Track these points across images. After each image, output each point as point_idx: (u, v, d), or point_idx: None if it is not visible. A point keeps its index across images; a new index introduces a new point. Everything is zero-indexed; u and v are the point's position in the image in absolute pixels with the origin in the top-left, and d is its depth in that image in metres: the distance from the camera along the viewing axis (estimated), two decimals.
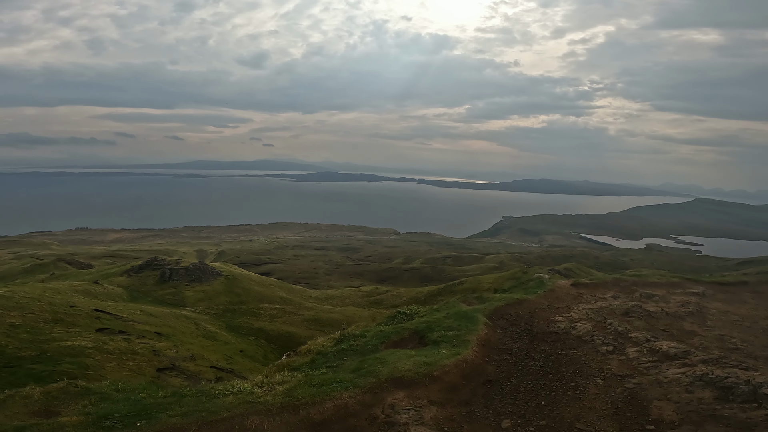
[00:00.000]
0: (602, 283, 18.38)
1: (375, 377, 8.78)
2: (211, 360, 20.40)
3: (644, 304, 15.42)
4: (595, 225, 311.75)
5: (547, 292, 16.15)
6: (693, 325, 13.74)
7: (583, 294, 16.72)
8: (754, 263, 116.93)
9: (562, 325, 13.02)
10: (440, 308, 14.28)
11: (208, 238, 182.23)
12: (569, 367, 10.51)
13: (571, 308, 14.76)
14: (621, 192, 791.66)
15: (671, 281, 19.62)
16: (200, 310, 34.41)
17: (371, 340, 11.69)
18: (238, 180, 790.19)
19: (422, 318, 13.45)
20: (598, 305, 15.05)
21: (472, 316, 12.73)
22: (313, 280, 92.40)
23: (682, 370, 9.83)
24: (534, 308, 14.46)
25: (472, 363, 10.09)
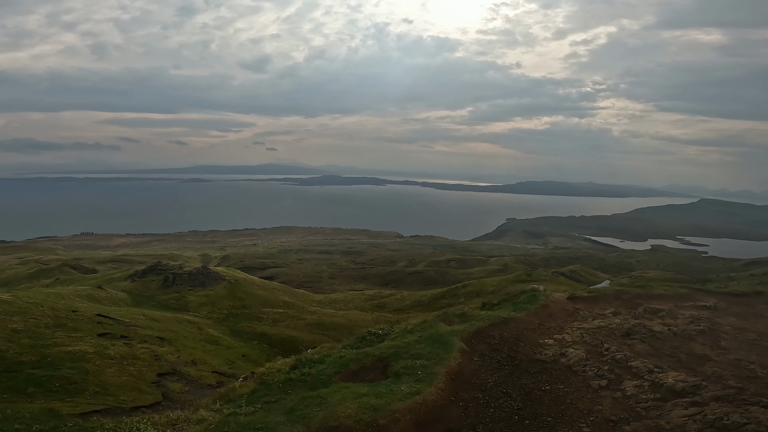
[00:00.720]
0: (602, 296, 16.76)
1: (305, 425, 7.39)
2: (213, 365, 20.29)
3: (648, 321, 13.84)
4: (599, 227, 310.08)
5: (540, 308, 14.57)
6: (704, 347, 12.13)
7: (580, 309, 15.11)
8: (762, 264, 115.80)
9: (551, 351, 11.48)
10: (415, 329, 12.88)
11: (212, 242, 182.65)
12: (551, 409, 8.94)
13: (564, 328, 13.22)
14: (626, 193, 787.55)
15: (679, 293, 17.85)
16: (203, 314, 34.36)
17: (327, 369, 10.35)
18: (242, 184, 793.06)
19: (392, 341, 12.06)
20: (595, 324, 13.47)
21: (447, 340, 11.26)
22: (316, 284, 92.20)
23: (690, 411, 8.23)
24: (522, 329, 12.85)
25: (433, 405, 8.59)
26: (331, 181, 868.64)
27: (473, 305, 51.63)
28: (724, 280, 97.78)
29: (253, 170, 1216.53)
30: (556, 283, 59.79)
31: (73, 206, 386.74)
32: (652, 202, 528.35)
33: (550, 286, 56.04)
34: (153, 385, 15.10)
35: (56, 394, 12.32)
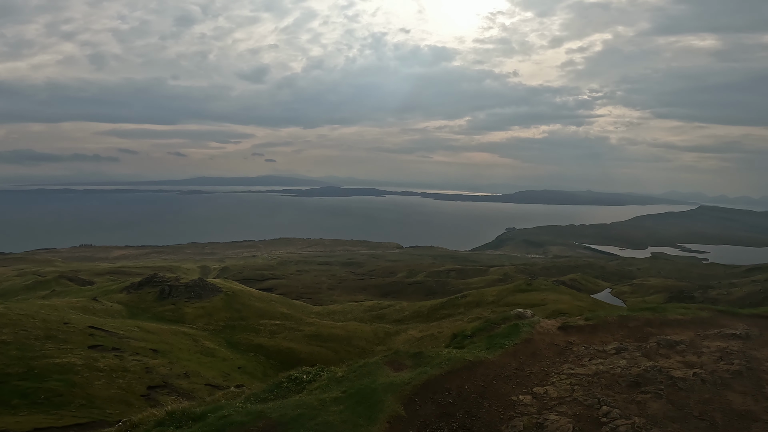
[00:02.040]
0: (603, 324, 13.51)
1: None
2: (207, 377, 19.89)
3: (665, 360, 10.55)
4: (599, 235, 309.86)
5: (521, 344, 11.56)
6: (745, 397, 8.89)
7: (574, 344, 11.95)
8: (763, 270, 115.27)
9: (523, 419, 8.28)
10: (346, 376, 10.08)
11: (211, 254, 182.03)
12: None
13: (549, 374, 10.09)
14: (624, 201, 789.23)
15: (699, 316, 14.53)
16: (199, 326, 33.95)
17: None
18: (241, 196, 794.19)
19: (309, 394, 9.41)
20: (592, 368, 10.30)
21: (376, 401, 8.45)
22: (316, 295, 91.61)
23: None
24: (492, 377, 9.80)
25: None
26: (330, 192, 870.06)
27: (473, 315, 51.20)
28: (726, 286, 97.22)
29: (253, 182, 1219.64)
30: (557, 292, 59.34)
31: (72, 218, 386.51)
32: (651, 210, 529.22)
33: (551, 296, 55.73)
34: (142, 398, 14.72)
35: (41, 407, 11.97)
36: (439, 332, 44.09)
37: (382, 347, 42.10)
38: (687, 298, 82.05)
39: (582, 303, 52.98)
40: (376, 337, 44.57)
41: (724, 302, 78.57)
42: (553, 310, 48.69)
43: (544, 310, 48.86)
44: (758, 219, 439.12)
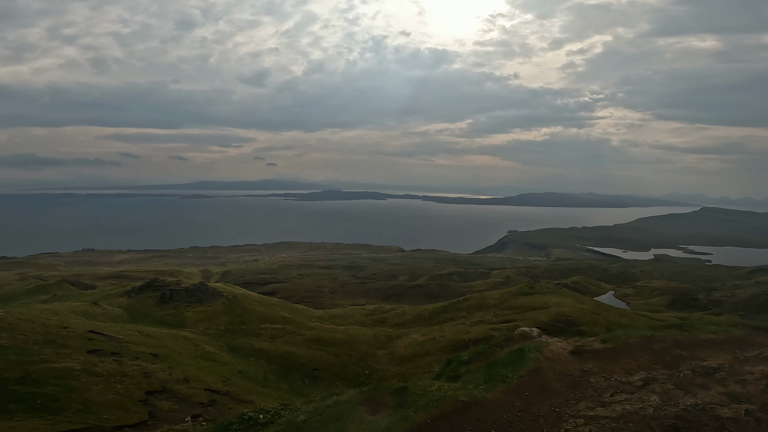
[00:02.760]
0: (623, 347, 11.29)
1: None
2: (207, 382, 19.75)
3: (704, 393, 8.51)
4: (601, 237, 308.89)
5: (526, 376, 9.63)
6: None
7: (591, 374, 9.98)
8: (766, 271, 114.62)
9: None
10: (306, 422, 8.46)
11: (213, 258, 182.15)
12: None
13: (562, 418, 8.07)
14: (627, 203, 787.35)
15: (734, 335, 12.42)
16: (200, 330, 33.83)
17: None
18: (243, 200, 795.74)
19: None
20: (617, 408, 8.08)
21: None
22: (317, 299, 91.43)
23: None
24: (491, 422, 7.91)
25: None
26: (331, 196, 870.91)
27: (475, 318, 50.91)
28: (730, 288, 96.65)
29: (254, 186, 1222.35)
30: (560, 294, 58.96)
31: (75, 222, 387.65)
32: (653, 212, 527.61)
33: (553, 299, 55.36)
34: (140, 403, 14.60)
35: (37, 412, 11.85)
36: (441, 336, 43.81)
37: (383, 351, 41.84)
38: (691, 300, 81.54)
39: (585, 306, 52.59)
40: (377, 341, 44.32)
41: (728, 304, 77.98)
42: (556, 312, 48.34)
43: (547, 313, 48.50)
44: (760, 220, 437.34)
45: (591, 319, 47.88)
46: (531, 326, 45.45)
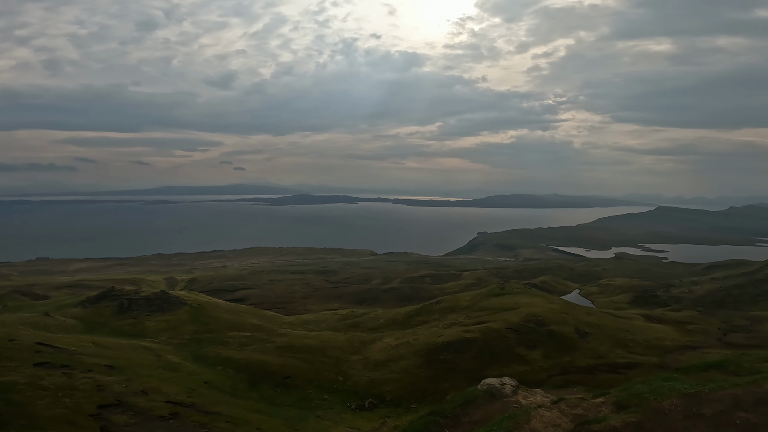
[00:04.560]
0: (655, 416, 7.23)
1: None
2: (169, 394, 18.59)
3: None
4: (566, 237, 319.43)
5: None
6: None
7: None
8: (721, 267, 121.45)
9: None
10: None
11: (179, 265, 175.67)
12: None
13: None
14: (589, 204, 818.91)
15: None
16: (162, 340, 32.15)
17: None
18: (210, 205, 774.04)
19: None
20: None
21: None
22: (289, 305, 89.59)
23: None
24: None
25: None
26: (302, 200, 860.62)
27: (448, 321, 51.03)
28: (688, 285, 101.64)
29: (222, 190, 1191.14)
30: (530, 295, 60.09)
31: (28, 230, 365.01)
32: (613, 212, 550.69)
33: (524, 299, 56.17)
34: (90, 417, 13.46)
35: None
36: (415, 339, 43.67)
37: (357, 356, 41.22)
38: (652, 297, 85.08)
39: (554, 305, 53.81)
40: (351, 346, 43.67)
41: (687, 300, 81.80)
42: (527, 313, 49.20)
43: (518, 314, 49.27)
44: (713, 218, 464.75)
45: (560, 318, 49.00)
46: (503, 327, 46.04)
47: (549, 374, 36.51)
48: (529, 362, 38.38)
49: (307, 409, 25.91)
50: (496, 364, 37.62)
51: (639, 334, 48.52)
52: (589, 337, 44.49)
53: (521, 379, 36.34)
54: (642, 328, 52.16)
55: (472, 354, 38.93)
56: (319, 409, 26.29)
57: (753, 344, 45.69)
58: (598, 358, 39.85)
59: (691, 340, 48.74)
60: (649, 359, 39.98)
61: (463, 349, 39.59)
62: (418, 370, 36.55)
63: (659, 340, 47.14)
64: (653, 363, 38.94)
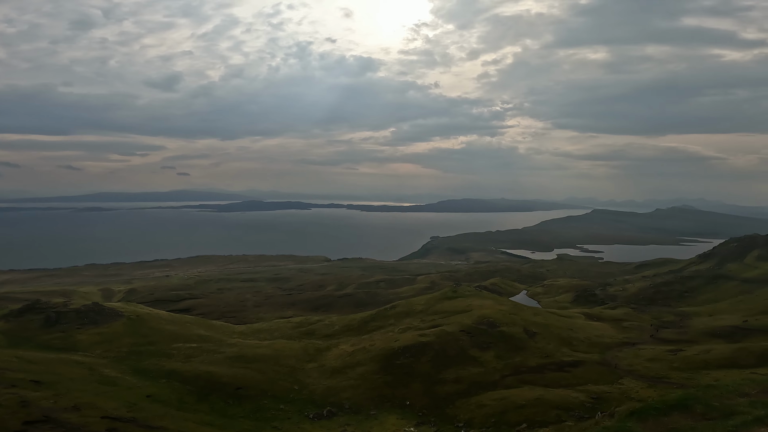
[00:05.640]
0: None
1: None
2: (106, 409, 17.03)
3: None
4: (513, 240, 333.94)
5: None
6: None
7: None
8: (650, 266, 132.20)
9: None
10: None
11: (116, 275, 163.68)
12: None
13: None
14: (533, 207, 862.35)
15: None
16: (97, 354, 29.63)
17: None
18: (151, 212, 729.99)
19: None
20: None
21: None
22: (240, 314, 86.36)
23: None
24: None
25: None
26: (252, 206, 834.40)
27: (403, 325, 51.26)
28: (621, 283, 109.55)
29: (164, 197, 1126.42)
30: (481, 297, 61.86)
31: None
32: (554, 215, 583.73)
33: (475, 302, 57.61)
34: None
35: None
36: (371, 345, 43.49)
37: (313, 364, 40.31)
38: (591, 296, 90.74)
39: (504, 307, 55.80)
40: (306, 354, 42.65)
41: (621, 298, 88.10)
42: (479, 315, 50.62)
43: (470, 316, 50.50)
44: (642, 220, 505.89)
45: (510, 319, 50.87)
46: (457, 329, 46.93)
47: (502, 375, 37.63)
48: (483, 364, 39.33)
49: (263, 420, 24.85)
50: (451, 367, 38.25)
51: (581, 332, 51.45)
52: (537, 337, 46.50)
53: (476, 382, 37.37)
54: (584, 326, 55.38)
55: (429, 358, 39.34)
56: (275, 420, 25.31)
57: (684, 340, 49.92)
58: (546, 357, 41.67)
59: (628, 336, 52.41)
60: (591, 356, 42.42)
61: (419, 354, 39.91)
62: (376, 376, 36.35)
63: (599, 338, 50.24)
64: (595, 360, 41.39)
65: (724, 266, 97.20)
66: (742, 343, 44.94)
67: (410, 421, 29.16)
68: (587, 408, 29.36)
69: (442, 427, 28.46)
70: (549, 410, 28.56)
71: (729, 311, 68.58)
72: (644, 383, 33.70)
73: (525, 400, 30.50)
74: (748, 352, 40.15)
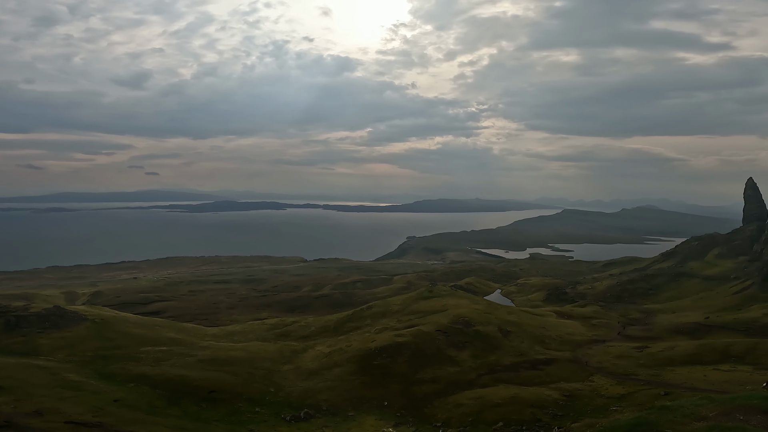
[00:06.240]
0: None
1: None
2: (70, 414, 16.29)
3: None
4: (488, 239, 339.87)
5: None
6: None
7: None
8: (617, 264, 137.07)
9: None
10: None
11: (80, 278, 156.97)
12: None
13: None
14: (507, 207, 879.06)
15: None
16: (60, 358, 28.39)
17: None
18: (117, 213, 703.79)
19: None
20: None
21: None
22: (213, 316, 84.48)
23: None
24: None
25: None
26: (226, 206, 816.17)
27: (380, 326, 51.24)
28: (590, 281, 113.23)
29: (131, 197, 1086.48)
30: (456, 297, 62.56)
31: None
32: (527, 215, 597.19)
33: (451, 301, 58.12)
34: None
35: None
36: (348, 346, 43.28)
37: (289, 366, 39.76)
38: (562, 294, 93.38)
39: (478, 306, 56.64)
40: (282, 356, 42.03)
41: (590, 296, 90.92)
42: (454, 315, 51.15)
43: (446, 316, 50.91)
44: (609, 220, 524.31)
45: (485, 318, 51.68)
46: (433, 329, 47.23)
47: (478, 374, 38.14)
48: (459, 363, 39.74)
49: (238, 423, 24.31)
50: (428, 367, 38.49)
51: (553, 330, 52.79)
52: (511, 336, 47.41)
53: (453, 381, 37.76)
54: (555, 324, 56.85)
55: (405, 358, 39.45)
56: (251, 423, 24.81)
57: (649, 336, 51.97)
58: (521, 356, 42.51)
59: (597, 333, 54.15)
60: (563, 354, 43.56)
61: (396, 354, 39.97)
62: (353, 377, 36.18)
63: (570, 335, 51.70)
64: (567, 358, 42.54)
65: (686, 264, 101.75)
66: (704, 340, 47.19)
67: (389, 422, 29.14)
68: (560, 406, 30.14)
69: (420, 428, 28.56)
70: (524, 409, 29.10)
71: (691, 308, 71.90)
72: (613, 380, 34.83)
73: (501, 398, 30.98)
74: (710, 349, 42.11)
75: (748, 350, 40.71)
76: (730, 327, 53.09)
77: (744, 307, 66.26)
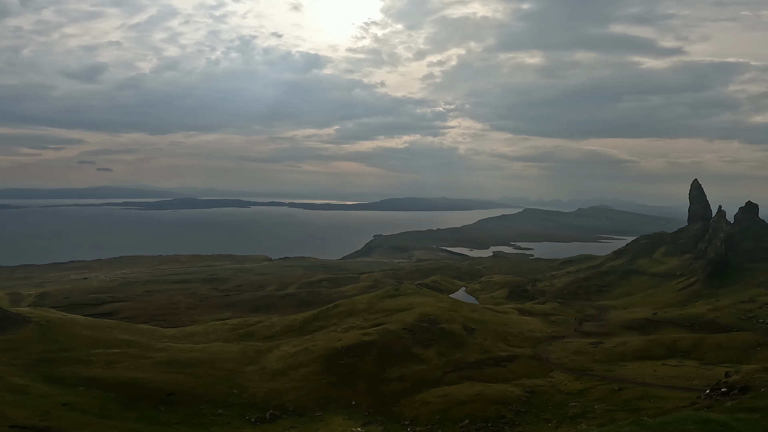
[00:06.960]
0: None
1: None
2: (15, 418, 15.16)
3: None
4: (453, 238, 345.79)
5: None
6: None
7: None
8: (574, 262, 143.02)
9: None
10: None
11: (26, 279, 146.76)
12: None
13: None
14: (471, 206, 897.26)
15: None
16: (3, 362, 26.52)
17: None
18: (66, 210, 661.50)
19: None
20: None
21: None
22: (171, 317, 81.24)
23: None
24: None
25: None
26: (186, 204, 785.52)
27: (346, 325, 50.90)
28: (549, 279, 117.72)
29: (81, 194, 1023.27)
30: (422, 295, 63.26)
31: None
32: (490, 213, 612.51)
33: (417, 299, 58.75)
34: None
35: None
36: (314, 345, 42.77)
37: (253, 367, 38.76)
38: (523, 292, 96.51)
39: (444, 304, 57.54)
40: (245, 357, 40.95)
41: (549, 293, 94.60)
42: (420, 313, 51.74)
43: (412, 314, 51.41)
44: (567, 219, 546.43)
45: (450, 316, 52.63)
46: (399, 327, 47.35)
47: (444, 372, 38.71)
48: (426, 361, 40.16)
49: (200, 426, 23.45)
50: (395, 365, 38.64)
51: (515, 327, 54.46)
52: (475, 333, 48.45)
53: (420, 379, 38.11)
54: (517, 321, 58.65)
55: (372, 357, 39.44)
56: (213, 425, 24.00)
57: (603, 332, 54.64)
58: (485, 353, 43.55)
59: (556, 330, 56.37)
60: (525, 351, 45.05)
61: (362, 353, 39.88)
62: (320, 377, 35.78)
63: (531, 332, 53.52)
64: (528, 354, 44.03)
65: (636, 262, 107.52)
66: (653, 335, 50.12)
67: (357, 422, 29.04)
68: (523, 402, 31.11)
69: (388, 426, 28.64)
70: (489, 405, 29.78)
71: (641, 304, 76.13)
72: (571, 376, 36.33)
73: (466, 396, 31.57)
74: (658, 344, 44.73)
75: (693, 345, 43.61)
76: (676, 322, 56.70)
77: (689, 303, 70.87)
